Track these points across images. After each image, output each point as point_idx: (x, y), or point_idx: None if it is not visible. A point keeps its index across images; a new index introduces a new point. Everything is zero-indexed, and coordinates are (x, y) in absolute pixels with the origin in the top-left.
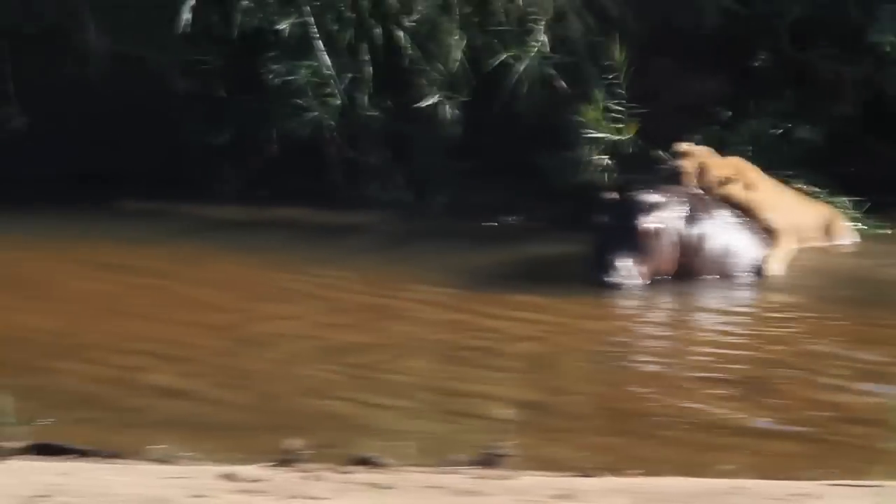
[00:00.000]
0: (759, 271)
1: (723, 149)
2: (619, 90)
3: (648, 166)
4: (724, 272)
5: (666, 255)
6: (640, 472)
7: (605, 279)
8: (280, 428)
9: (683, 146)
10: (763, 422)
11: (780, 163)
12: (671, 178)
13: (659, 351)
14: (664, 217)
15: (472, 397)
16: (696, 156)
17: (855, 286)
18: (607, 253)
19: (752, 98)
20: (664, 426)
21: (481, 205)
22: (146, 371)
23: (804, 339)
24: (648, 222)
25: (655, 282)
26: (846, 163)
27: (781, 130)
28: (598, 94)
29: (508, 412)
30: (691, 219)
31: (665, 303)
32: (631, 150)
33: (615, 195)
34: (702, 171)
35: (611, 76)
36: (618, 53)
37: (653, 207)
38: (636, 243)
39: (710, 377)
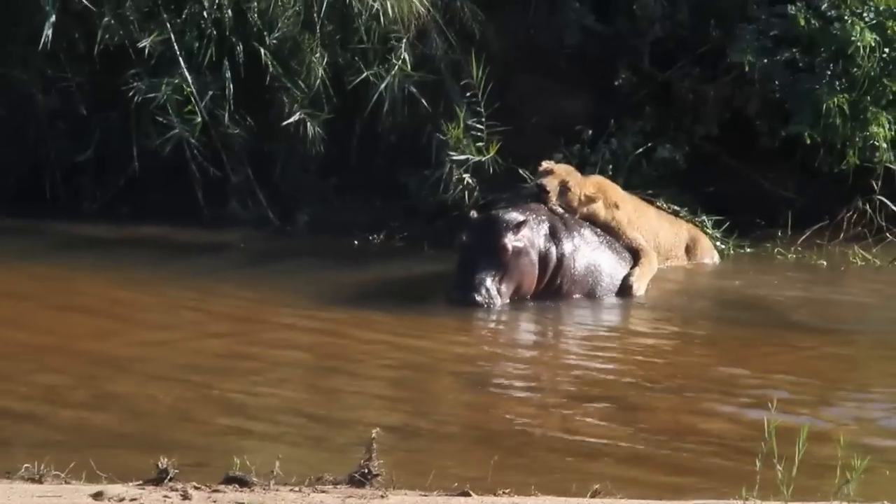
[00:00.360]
0: (622, 290)
1: (585, 167)
2: (481, 108)
3: (512, 185)
4: (587, 291)
5: (528, 274)
6: (508, 490)
7: (467, 298)
8: (146, 449)
9: (546, 164)
10: (630, 443)
11: (642, 181)
12: (534, 197)
13: (523, 372)
14: (526, 236)
15: (336, 418)
16: (559, 174)
17: (719, 305)
18: (469, 272)
19: (615, 117)
20: (530, 447)
21: (344, 223)
22: (3, 394)
23: (669, 360)
24: (510, 241)
25: (518, 301)
26: (707, 182)
27: (643, 149)
28: (460, 113)
29: (375, 433)
30: (554, 237)
31: (528, 322)
32: (493, 169)
33: (477, 214)
34: (565, 189)
35: (473, 95)
36: (478, 72)
37: (515, 226)
38: (498, 262)
39: (575, 398)
